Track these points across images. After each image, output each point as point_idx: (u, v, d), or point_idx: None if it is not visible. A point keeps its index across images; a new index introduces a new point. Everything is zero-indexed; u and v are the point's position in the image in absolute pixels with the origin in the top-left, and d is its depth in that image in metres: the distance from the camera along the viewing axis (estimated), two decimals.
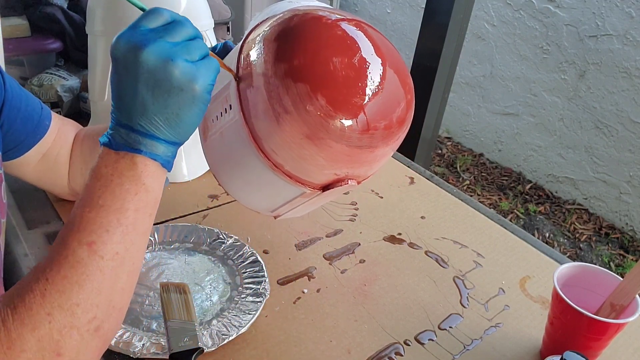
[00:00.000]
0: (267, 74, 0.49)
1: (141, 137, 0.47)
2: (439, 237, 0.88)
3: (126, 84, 0.46)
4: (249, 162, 0.54)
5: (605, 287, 0.65)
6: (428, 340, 0.69)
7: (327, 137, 0.49)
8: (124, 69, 0.46)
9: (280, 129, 0.49)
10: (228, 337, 0.64)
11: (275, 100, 0.48)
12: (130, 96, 0.46)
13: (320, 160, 0.50)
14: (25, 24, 1.14)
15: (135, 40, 0.45)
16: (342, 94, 0.49)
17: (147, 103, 0.46)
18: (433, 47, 1.50)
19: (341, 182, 0.54)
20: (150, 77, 0.46)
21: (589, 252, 2.42)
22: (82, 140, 0.77)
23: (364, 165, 0.53)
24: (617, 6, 2.34)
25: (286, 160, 0.52)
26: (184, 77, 0.46)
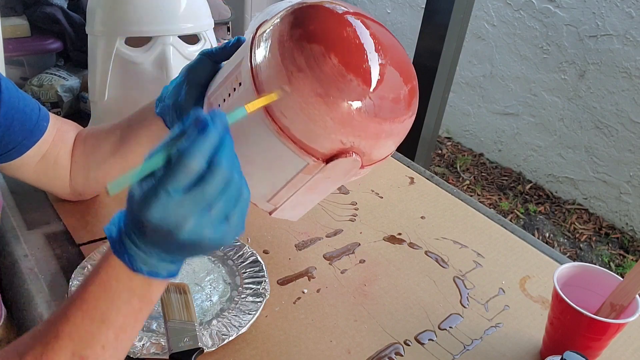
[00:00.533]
0: (282, 39, 0.51)
1: (162, 262, 0.45)
2: (439, 237, 0.88)
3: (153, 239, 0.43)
4: (253, 132, 0.54)
5: (605, 287, 0.65)
6: (428, 340, 0.69)
7: (338, 95, 0.50)
8: (154, 233, 0.42)
9: (293, 88, 0.50)
10: (228, 337, 0.64)
11: (289, 61, 0.50)
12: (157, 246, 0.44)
13: (328, 122, 0.51)
14: (25, 24, 1.14)
15: (171, 220, 0.40)
16: (354, 57, 0.52)
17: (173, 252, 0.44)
18: (433, 47, 1.50)
19: (345, 153, 0.53)
20: (186, 248, 0.43)
21: (589, 252, 2.42)
22: (84, 141, 0.78)
23: (369, 138, 0.54)
24: (617, 6, 2.34)
25: (293, 122, 0.52)
26: (209, 245, 0.43)
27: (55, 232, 0.80)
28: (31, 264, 0.74)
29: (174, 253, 0.44)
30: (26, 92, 1.09)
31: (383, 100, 0.52)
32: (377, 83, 0.52)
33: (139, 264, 0.44)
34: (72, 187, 0.80)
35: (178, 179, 0.40)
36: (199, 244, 0.42)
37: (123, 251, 0.44)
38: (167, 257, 0.44)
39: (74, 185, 0.80)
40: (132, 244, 0.43)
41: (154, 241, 0.43)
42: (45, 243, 0.78)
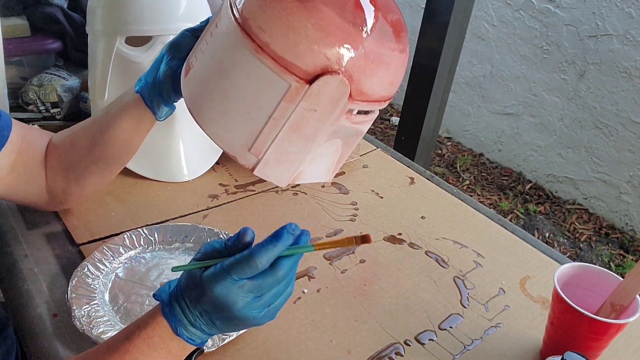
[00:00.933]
0: None
1: (202, 334, 0.52)
2: (439, 237, 0.88)
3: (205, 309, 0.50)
4: (232, 57, 0.52)
5: (605, 287, 0.65)
6: (428, 340, 0.69)
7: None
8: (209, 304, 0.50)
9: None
10: (228, 337, 0.64)
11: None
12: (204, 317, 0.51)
13: (309, 28, 0.48)
14: (25, 24, 1.14)
15: (230, 299, 0.49)
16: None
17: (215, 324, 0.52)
18: (433, 47, 1.50)
19: (330, 72, 0.49)
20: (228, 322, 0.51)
21: (589, 252, 2.42)
22: (57, 145, 0.75)
23: (357, 56, 0.50)
24: (617, 6, 2.34)
25: (273, 35, 0.49)
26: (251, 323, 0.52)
27: (55, 232, 0.80)
28: (31, 264, 0.74)
29: (215, 324, 0.51)
30: (26, 92, 1.10)
31: (367, 12, 0.50)
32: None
33: (181, 330, 0.51)
34: (52, 195, 0.76)
35: (244, 271, 0.49)
36: (241, 321, 0.51)
37: (172, 314, 0.51)
38: (207, 328, 0.51)
39: (53, 192, 0.76)
40: (180, 310, 0.50)
41: (205, 311, 0.50)
42: (45, 243, 0.78)
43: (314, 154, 0.57)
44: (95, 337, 0.62)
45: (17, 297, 0.70)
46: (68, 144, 0.75)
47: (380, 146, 1.14)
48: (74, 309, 0.65)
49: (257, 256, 0.49)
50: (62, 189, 0.76)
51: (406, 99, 1.64)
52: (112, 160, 0.75)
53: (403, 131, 1.68)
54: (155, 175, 0.94)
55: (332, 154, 0.61)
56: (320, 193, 0.96)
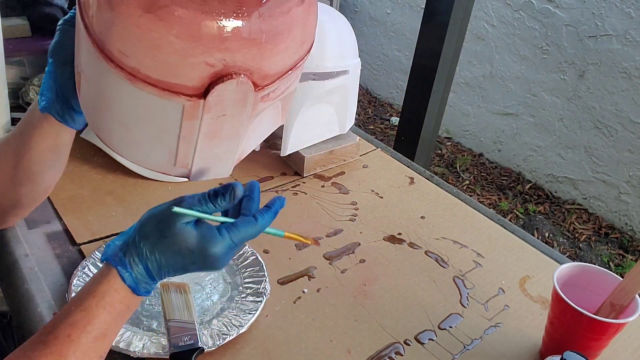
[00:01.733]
0: None
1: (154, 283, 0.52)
2: (439, 237, 0.88)
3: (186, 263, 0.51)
4: (109, 87, 0.45)
5: (605, 287, 0.66)
6: (428, 340, 0.69)
7: (169, 2, 0.39)
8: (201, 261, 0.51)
9: (116, 14, 0.40)
10: (228, 336, 0.64)
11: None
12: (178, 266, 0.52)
13: (175, 43, 0.40)
14: (25, 24, 1.14)
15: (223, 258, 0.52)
16: None
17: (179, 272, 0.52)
18: (433, 47, 1.50)
19: (224, 76, 0.42)
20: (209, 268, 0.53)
21: (588, 252, 2.42)
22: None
23: (243, 48, 0.41)
24: (616, 6, 2.34)
25: (139, 59, 0.41)
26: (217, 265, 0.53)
27: (56, 231, 0.80)
28: (31, 263, 0.74)
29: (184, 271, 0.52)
30: (27, 92, 1.10)
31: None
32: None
33: (141, 289, 0.51)
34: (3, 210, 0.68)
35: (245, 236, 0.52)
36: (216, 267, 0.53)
37: (132, 279, 0.50)
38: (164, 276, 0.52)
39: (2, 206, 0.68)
40: (145, 272, 0.50)
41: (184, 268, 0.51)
42: (46, 242, 0.78)
43: (248, 134, 0.52)
44: None
45: (18, 297, 0.70)
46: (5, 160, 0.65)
47: (380, 146, 1.14)
48: None
49: (262, 229, 0.53)
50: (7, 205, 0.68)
51: (406, 99, 1.64)
52: (40, 180, 0.66)
53: (403, 131, 1.68)
54: (155, 175, 0.94)
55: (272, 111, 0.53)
56: (320, 193, 0.97)
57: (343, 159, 1.06)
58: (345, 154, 1.05)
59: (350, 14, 3.60)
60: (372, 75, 3.63)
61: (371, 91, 3.69)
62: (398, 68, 3.43)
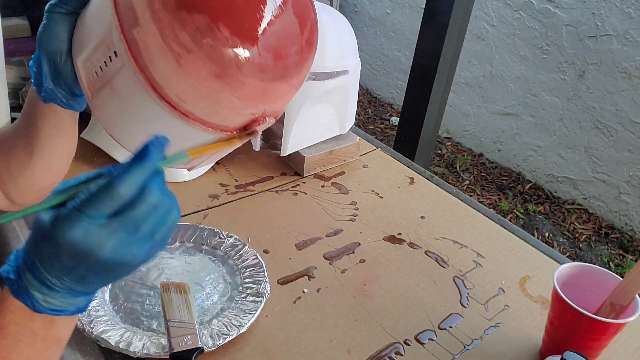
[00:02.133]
0: (154, 9, 0.42)
1: (69, 297, 0.41)
2: (439, 237, 0.88)
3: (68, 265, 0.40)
4: (152, 113, 0.47)
5: (605, 287, 0.66)
6: (428, 340, 0.69)
7: (238, 73, 0.43)
8: (71, 258, 0.39)
9: (185, 72, 0.43)
10: (228, 336, 0.64)
11: (172, 39, 0.42)
12: (71, 274, 0.40)
13: (235, 102, 0.45)
14: (25, 24, 1.14)
15: (93, 241, 0.38)
16: (246, 20, 0.43)
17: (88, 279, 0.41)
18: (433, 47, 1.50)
19: (258, 122, 0.48)
20: (105, 270, 0.41)
21: (588, 252, 2.42)
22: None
23: (280, 99, 0.48)
24: (616, 6, 2.34)
25: (196, 106, 0.45)
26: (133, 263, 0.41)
27: None
28: None
29: (87, 279, 0.40)
30: (27, 92, 1.10)
31: (288, 58, 0.46)
32: (279, 40, 0.45)
33: (40, 303, 0.40)
34: (9, 199, 0.68)
35: (104, 204, 0.39)
36: (121, 263, 0.40)
37: (22, 291, 0.40)
38: (79, 287, 0.41)
39: (8, 196, 0.68)
40: (35, 280, 0.40)
41: (67, 268, 0.39)
42: None
43: None
44: (96, 336, 0.62)
45: None
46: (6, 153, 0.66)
47: (380, 146, 1.14)
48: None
49: (118, 184, 0.39)
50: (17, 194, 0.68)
51: (406, 99, 1.64)
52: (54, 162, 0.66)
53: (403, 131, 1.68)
54: None
55: None
56: (320, 193, 0.97)
57: (343, 159, 1.06)
58: (345, 154, 1.05)
59: (350, 14, 3.60)
60: (372, 75, 3.63)
61: (371, 91, 3.69)
62: (398, 68, 3.43)
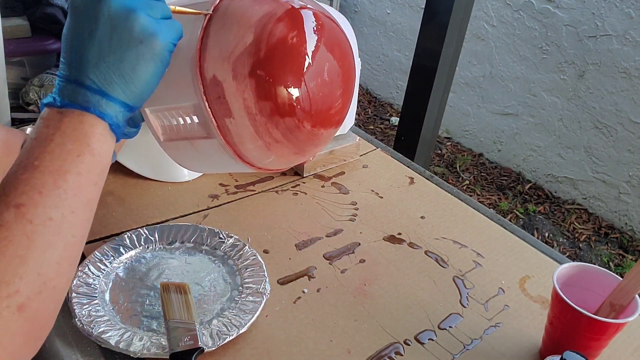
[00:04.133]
0: (250, 112, 0.51)
1: (91, 93, 0.43)
2: (438, 237, 0.88)
3: (82, 34, 0.43)
4: (226, 161, 0.57)
5: (604, 287, 0.66)
6: (428, 339, 0.69)
7: (312, 149, 0.57)
8: (81, 18, 0.43)
9: (271, 153, 0.55)
10: (228, 336, 0.64)
11: (265, 134, 0.52)
12: (85, 47, 0.43)
13: (292, 158, 0.58)
14: (25, 24, 1.14)
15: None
16: (324, 115, 0.55)
17: (103, 54, 0.43)
18: (433, 47, 1.50)
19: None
20: (109, 26, 0.43)
21: (588, 252, 2.43)
22: None
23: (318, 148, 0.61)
24: (616, 6, 2.34)
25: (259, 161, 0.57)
26: (145, 29, 0.44)
27: None
28: None
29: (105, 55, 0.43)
30: (27, 93, 1.10)
31: (338, 124, 0.58)
32: (337, 117, 0.57)
33: (63, 98, 0.43)
34: None
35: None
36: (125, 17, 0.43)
37: (50, 95, 0.44)
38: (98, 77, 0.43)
39: None
40: (60, 80, 0.44)
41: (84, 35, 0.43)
42: None
43: None
44: (96, 336, 0.62)
45: None
46: None
47: (380, 146, 1.14)
48: (75, 308, 0.65)
49: None
50: None
51: (406, 99, 1.64)
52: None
53: (403, 131, 1.68)
54: (155, 175, 0.94)
55: None
56: (320, 193, 0.97)
57: (343, 159, 1.06)
58: (345, 154, 1.06)
59: (350, 14, 3.60)
60: (372, 75, 3.63)
61: (371, 91, 3.69)
62: (398, 68, 3.43)
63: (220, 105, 0.51)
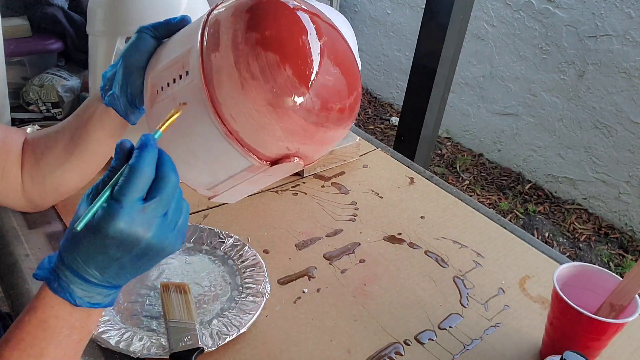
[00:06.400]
0: (236, 41, 0.51)
1: (107, 290, 0.47)
2: (438, 237, 0.88)
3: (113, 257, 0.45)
4: (200, 128, 0.54)
5: (604, 287, 0.66)
6: (428, 340, 0.69)
7: (289, 107, 0.51)
8: (117, 248, 0.44)
9: (244, 94, 0.50)
10: (228, 336, 0.64)
11: (243, 66, 0.50)
12: (106, 264, 0.45)
13: (277, 131, 0.52)
14: (26, 24, 1.14)
15: (138, 228, 0.44)
16: (308, 69, 0.51)
17: (126, 269, 0.46)
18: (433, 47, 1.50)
19: (289, 158, 0.55)
20: (139, 255, 0.46)
21: (588, 252, 2.43)
22: (33, 149, 0.72)
23: (314, 144, 0.55)
24: (616, 6, 2.34)
25: (243, 127, 0.52)
26: (166, 251, 0.47)
27: (56, 231, 0.80)
28: (32, 263, 0.74)
29: (126, 270, 0.46)
30: (27, 92, 1.10)
31: (331, 111, 0.54)
32: (328, 96, 0.53)
33: (82, 298, 0.46)
34: (28, 199, 0.74)
35: (135, 186, 0.43)
36: (157, 251, 0.46)
37: (63, 288, 0.45)
38: (116, 279, 0.46)
39: (29, 196, 0.73)
40: (75, 277, 0.45)
41: (111, 259, 0.45)
42: (46, 243, 0.78)
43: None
44: (96, 336, 0.62)
45: (18, 297, 0.71)
46: (42, 152, 0.71)
47: (380, 146, 1.14)
48: None
49: (139, 164, 0.43)
50: (39, 194, 0.74)
51: (406, 99, 1.65)
52: (89, 166, 0.73)
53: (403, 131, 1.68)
54: None
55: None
56: (320, 193, 0.97)
57: (343, 159, 1.06)
58: (345, 154, 1.06)
59: (350, 14, 3.60)
60: (372, 75, 3.63)
61: (371, 91, 3.69)
62: (398, 68, 3.43)
63: (211, 39, 0.52)
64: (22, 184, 0.72)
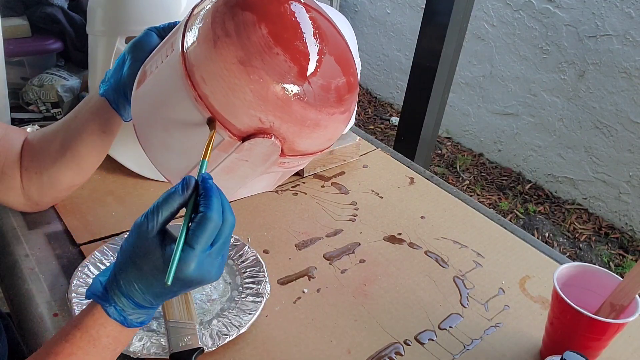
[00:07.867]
0: (217, 5, 0.50)
1: (152, 310, 0.52)
2: (439, 237, 0.88)
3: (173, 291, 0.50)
4: (174, 96, 0.53)
5: (605, 287, 0.66)
6: (428, 340, 0.69)
7: (261, 66, 0.48)
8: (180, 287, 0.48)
9: (216, 52, 0.49)
10: (228, 336, 0.64)
11: (218, 25, 0.49)
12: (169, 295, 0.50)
13: (247, 93, 0.49)
14: (25, 24, 1.14)
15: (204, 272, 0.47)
16: (286, 32, 0.50)
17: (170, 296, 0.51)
18: (433, 47, 1.50)
19: (264, 133, 0.51)
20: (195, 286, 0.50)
21: (588, 252, 2.42)
22: (31, 146, 0.73)
23: (292, 122, 0.51)
24: (616, 6, 2.34)
25: (213, 90, 0.50)
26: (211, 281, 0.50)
27: (56, 231, 0.80)
28: (32, 263, 0.74)
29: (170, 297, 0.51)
30: (27, 92, 1.10)
31: (311, 84, 0.50)
32: (305, 64, 0.50)
33: (134, 321, 0.50)
34: (27, 197, 0.75)
35: (210, 235, 0.47)
36: (207, 281, 0.49)
37: (119, 313, 0.49)
38: (160, 302, 0.51)
39: (28, 194, 0.75)
40: (130, 303, 0.49)
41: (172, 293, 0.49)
42: (46, 243, 0.78)
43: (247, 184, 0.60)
44: None
45: (18, 297, 0.70)
46: (39, 148, 0.73)
47: (380, 146, 1.14)
48: (75, 308, 0.65)
49: (212, 215, 0.46)
50: (38, 192, 0.75)
51: (406, 99, 1.64)
52: (84, 162, 0.74)
53: (403, 131, 1.68)
54: (155, 175, 0.94)
55: (271, 177, 0.63)
56: (320, 193, 0.97)
57: (343, 159, 1.06)
58: (345, 154, 1.05)
59: (350, 14, 3.60)
60: (372, 75, 3.63)
61: (371, 91, 3.69)
62: (398, 68, 3.43)
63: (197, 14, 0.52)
64: (21, 182, 0.73)
